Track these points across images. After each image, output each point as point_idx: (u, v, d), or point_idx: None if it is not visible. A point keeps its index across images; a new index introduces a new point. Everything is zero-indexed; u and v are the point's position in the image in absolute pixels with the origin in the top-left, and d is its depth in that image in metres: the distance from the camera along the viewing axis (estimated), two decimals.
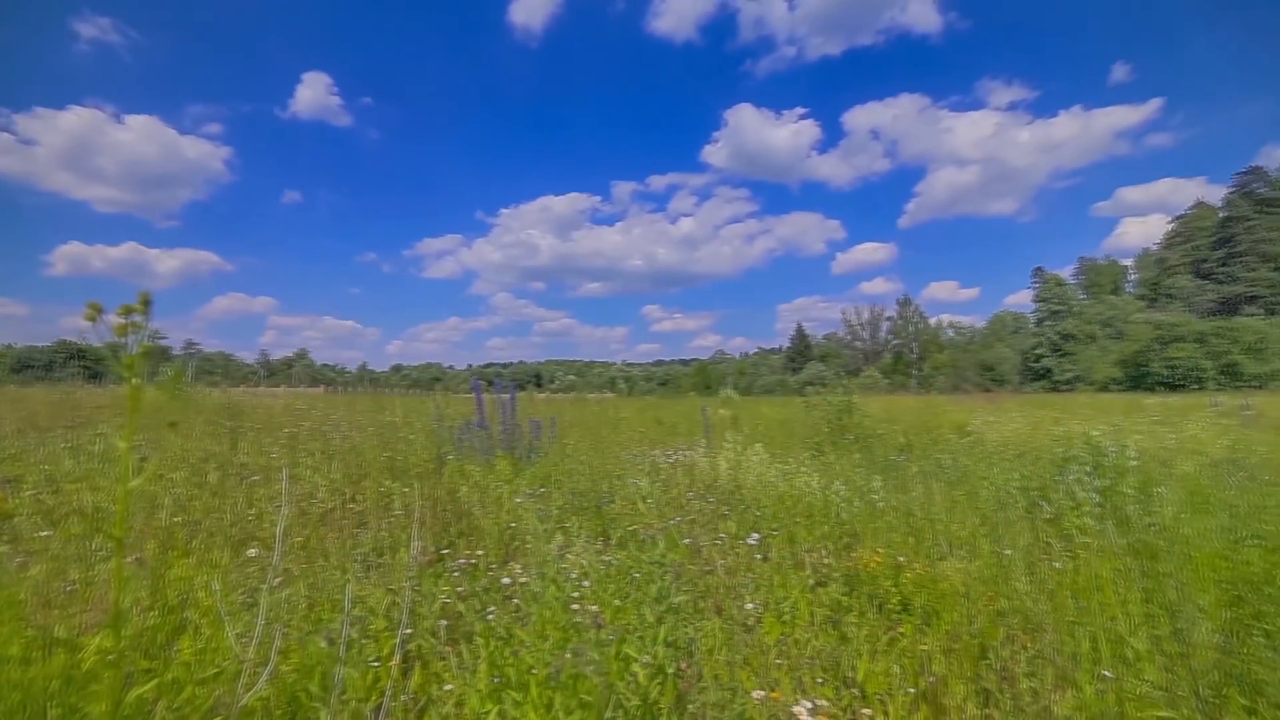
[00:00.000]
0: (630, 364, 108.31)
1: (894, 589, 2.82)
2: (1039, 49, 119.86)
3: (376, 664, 2.09)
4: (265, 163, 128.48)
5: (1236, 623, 2.40)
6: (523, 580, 2.68)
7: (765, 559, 3.22)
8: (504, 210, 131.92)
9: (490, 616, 2.32)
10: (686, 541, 3.34)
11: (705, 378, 72.84)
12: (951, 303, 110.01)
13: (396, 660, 2.08)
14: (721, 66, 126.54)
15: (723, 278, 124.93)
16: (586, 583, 2.53)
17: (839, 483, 4.56)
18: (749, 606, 2.62)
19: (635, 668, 1.87)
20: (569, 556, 2.88)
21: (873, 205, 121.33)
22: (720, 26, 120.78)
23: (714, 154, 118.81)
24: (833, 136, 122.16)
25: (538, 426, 6.40)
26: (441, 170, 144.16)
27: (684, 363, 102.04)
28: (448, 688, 2.04)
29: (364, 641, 2.18)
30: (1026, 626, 2.49)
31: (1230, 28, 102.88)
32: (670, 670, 1.91)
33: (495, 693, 1.92)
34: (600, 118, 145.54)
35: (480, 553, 3.27)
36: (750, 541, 3.29)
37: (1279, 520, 3.70)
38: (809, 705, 1.93)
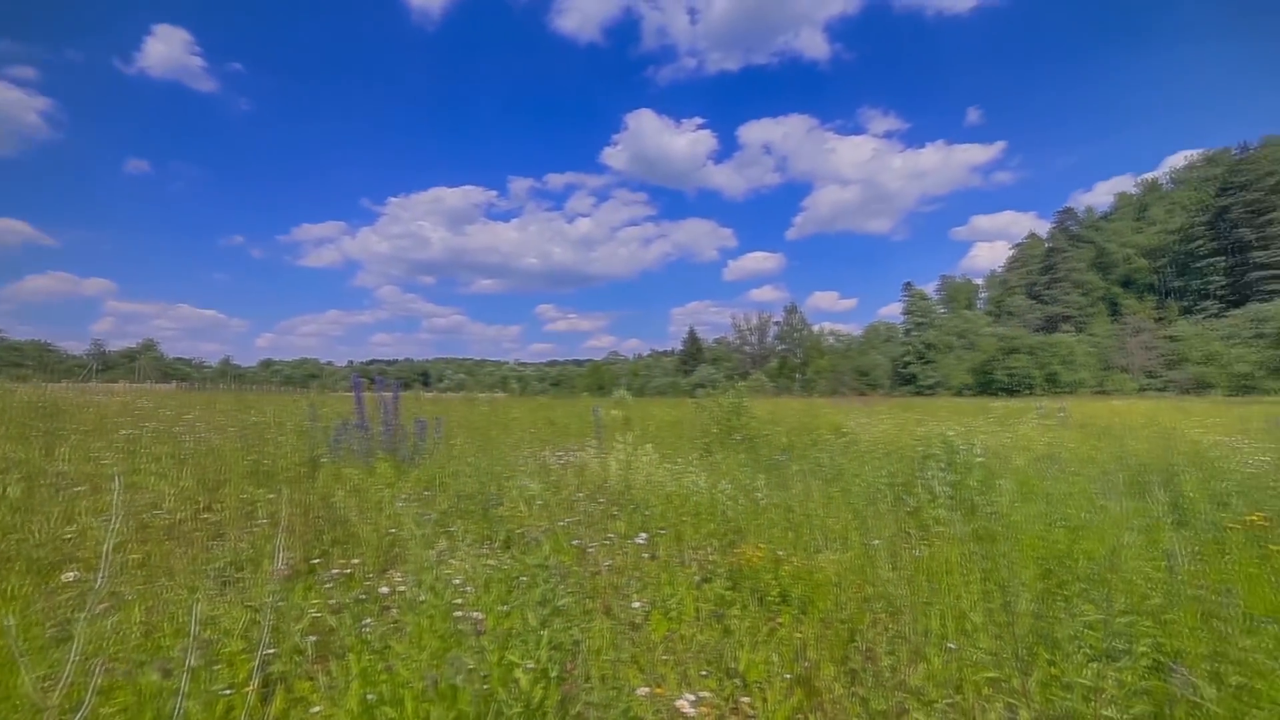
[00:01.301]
0: (523, 363, 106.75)
1: (774, 582, 2.98)
2: (911, 86, 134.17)
3: (229, 692, 1.88)
4: (100, 122, 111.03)
5: (1046, 592, 2.83)
6: (402, 589, 2.53)
7: (653, 558, 3.28)
8: (392, 199, 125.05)
9: (366, 629, 2.17)
10: (576, 543, 3.32)
11: (599, 378, 73.18)
12: (832, 311, 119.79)
13: (254, 685, 1.88)
14: (624, 70, 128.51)
15: (618, 279, 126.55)
16: (470, 588, 2.43)
17: (725, 482, 4.75)
18: (636, 605, 2.65)
19: (518, 673, 1.83)
20: (453, 562, 2.76)
21: (763, 216, 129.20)
22: (624, 31, 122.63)
23: (613, 156, 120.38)
24: (728, 148, 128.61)
25: (423, 426, 6.09)
26: (324, 151, 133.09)
27: (578, 363, 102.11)
28: (315, 710, 1.87)
29: (216, 667, 1.94)
30: (889, 609, 2.73)
31: (1053, 91, 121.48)
32: (554, 673, 1.88)
33: (368, 711, 1.79)
34: (499, 110, 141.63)
35: (357, 561, 3.05)
36: (639, 541, 3.33)
37: (1079, 505, 4.39)
38: (692, 698, 1.99)
